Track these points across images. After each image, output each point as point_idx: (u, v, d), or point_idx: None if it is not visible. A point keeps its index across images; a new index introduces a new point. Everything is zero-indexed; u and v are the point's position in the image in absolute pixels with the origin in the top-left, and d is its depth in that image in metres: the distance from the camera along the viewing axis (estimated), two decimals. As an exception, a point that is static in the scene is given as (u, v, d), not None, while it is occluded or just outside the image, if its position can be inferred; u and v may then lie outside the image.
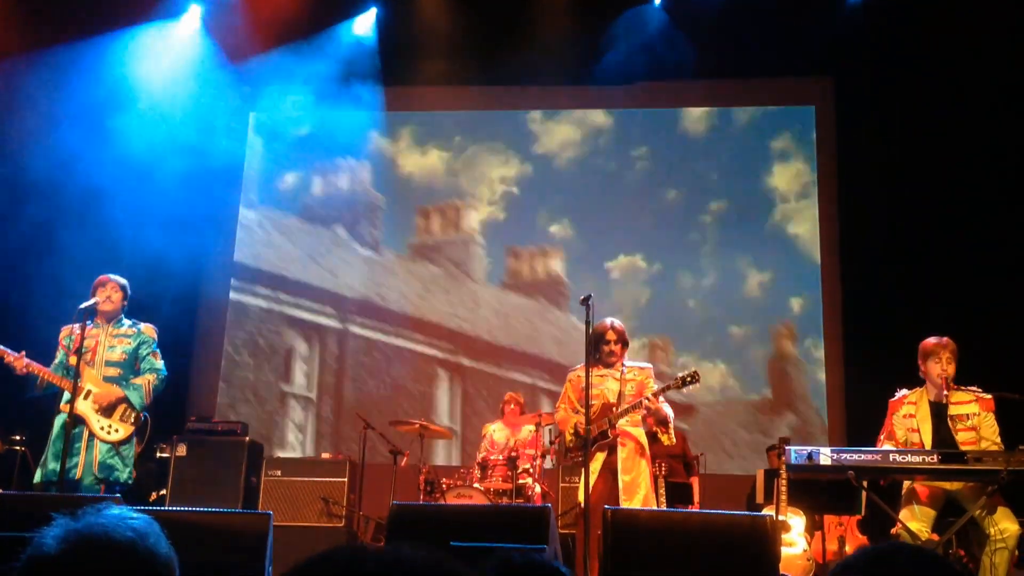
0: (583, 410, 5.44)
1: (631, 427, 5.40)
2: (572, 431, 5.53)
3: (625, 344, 5.53)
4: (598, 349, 5.42)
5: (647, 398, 5.22)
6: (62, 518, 1.25)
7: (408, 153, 9.71)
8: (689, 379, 5.23)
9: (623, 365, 5.49)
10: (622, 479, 5.23)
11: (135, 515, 1.29)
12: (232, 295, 9.40)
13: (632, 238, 9.24)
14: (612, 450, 5.31)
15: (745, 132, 9.39)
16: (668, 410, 5.31)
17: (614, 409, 5.32)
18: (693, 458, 7.58)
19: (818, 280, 8.88)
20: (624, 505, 5.11)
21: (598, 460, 5.31)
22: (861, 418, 7.58)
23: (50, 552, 1.21)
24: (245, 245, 9.55)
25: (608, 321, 5.47)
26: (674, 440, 5.57)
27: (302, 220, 9.62)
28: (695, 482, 7.48)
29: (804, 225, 9.07)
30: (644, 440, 5.47)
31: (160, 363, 5.46)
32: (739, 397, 8.82)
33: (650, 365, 5.70)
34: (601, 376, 5.38)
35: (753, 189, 9.20)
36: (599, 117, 9.56)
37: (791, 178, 9.20)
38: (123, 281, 5.49)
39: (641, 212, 9.28)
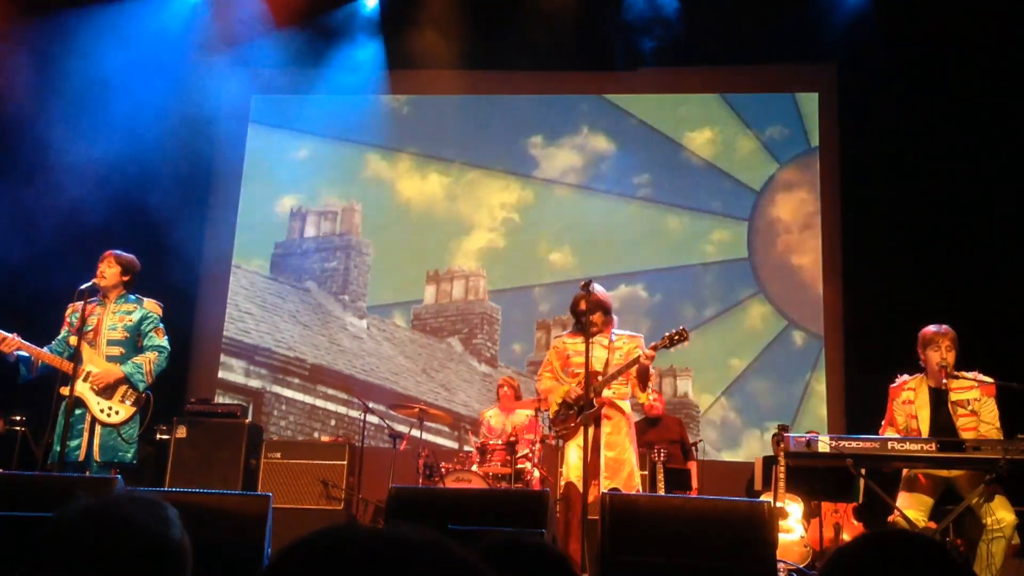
0: (567, 379, 5.36)
1: (618, 399, 5.23)
2: (559, 401, 5.33)
3: (605, 312, 5.29)
4: (579, 321, 5.33)
5: (644, 353, 5.10)
6: (84, 496, 1.28)
7: (408, 178, 9.54)
8: (677, 337, 5.11)
9: (612, 333, 5.35)
10: (605, 455, 5.07)
11: (156, 500, 1.32)
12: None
13: (633, 267, 9.04)
14: (596, 423, 5.11)
15: (749, 160, 9.17)
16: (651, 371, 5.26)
17: (599, 377, 5.15)
18: (691, 444, 7.65)
19: (820, 312, 8.66)
20: (606, 484, 4.96)
21: (581, 436, 5.12)
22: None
23: (67, 527, 1.24)
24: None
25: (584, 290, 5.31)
26: (650, 399, 5.51)
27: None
28: (693, 467, 7.52)
29: (807, 256, 8.89)
30: (630, 413, 5.33)
31: (163, 340, 5.30)
32: (740, 431, 8.66)
33: (641, 335, 5.52)
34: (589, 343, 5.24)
35: (756, 218, 9.01)
36: (601, 143, 9.35)
37: (795, 208, 9.02)
38: (124, 255, 5.34)
39: (642, 241, 9.10)
